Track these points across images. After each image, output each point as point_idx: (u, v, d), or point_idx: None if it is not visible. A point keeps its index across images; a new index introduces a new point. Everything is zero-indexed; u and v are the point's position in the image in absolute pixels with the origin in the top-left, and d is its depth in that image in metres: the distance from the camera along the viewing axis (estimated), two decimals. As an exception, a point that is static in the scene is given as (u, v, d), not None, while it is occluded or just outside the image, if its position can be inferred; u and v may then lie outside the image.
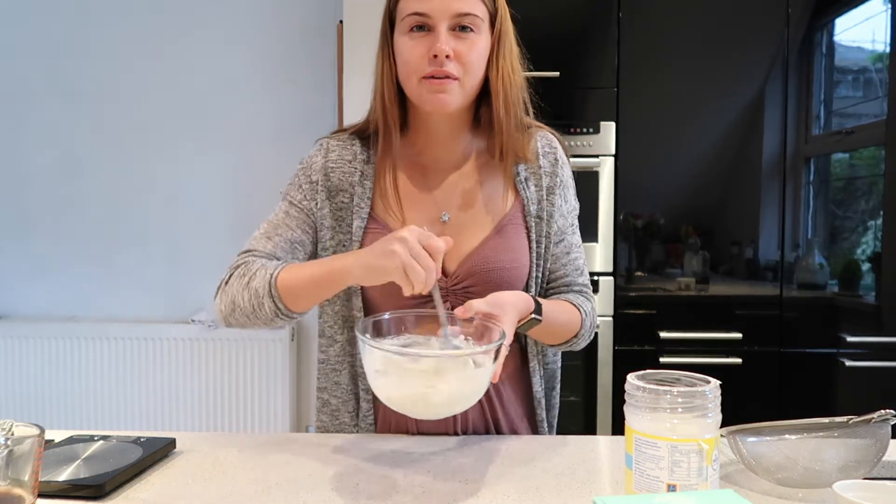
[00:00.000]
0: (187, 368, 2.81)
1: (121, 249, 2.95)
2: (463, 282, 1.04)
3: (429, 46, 0.97)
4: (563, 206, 1.12)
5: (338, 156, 1.09)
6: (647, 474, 0.72)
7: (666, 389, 0.72)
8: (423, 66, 0.98)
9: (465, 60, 0.99)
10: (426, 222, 1.03)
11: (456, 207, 1.08)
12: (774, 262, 2.31)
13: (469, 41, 0.99)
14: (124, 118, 2.93)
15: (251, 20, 2.90)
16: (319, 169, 1.09)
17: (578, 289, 1.13)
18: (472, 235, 1.06)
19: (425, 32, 0.98)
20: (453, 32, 0.98)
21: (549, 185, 1.10)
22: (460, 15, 0.97)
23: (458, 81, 0.99)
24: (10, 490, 0.66)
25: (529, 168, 1.10)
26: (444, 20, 0.97)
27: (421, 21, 0.98)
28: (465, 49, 0.98)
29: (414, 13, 0.98)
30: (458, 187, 1.08)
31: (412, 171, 1.09)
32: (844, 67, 2.34)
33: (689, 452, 0.70)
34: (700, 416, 0.71)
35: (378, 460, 0.96)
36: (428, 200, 1.08)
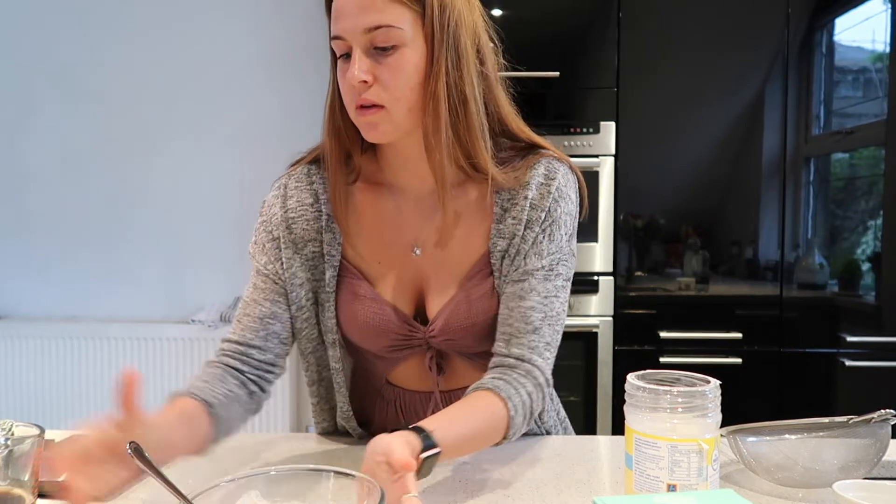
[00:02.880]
0: (187, 368, 2.81)
1: (121, 249, 2.95)
2: (442, 335, 0.95)
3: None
4: (542, 244, 0.92)
5: (297, 202, 0.97)
6: (647, 474, 0.72)
7: (666, 389, 0.72)
8: (352, 96, 0.85)
9: (389, 85, 0.83)
10: (398, 259, 0.95)
11: (432, 244, 0.95)
12: (774, 262, 2.31)
13: (390, 61, 0.83)
14: (125, 118, 2.93)
15: (252, 20, 2.90)
16: (279, 223, 0.96)
17: (518, 354, 0.89)
18: (447, 280, 0.95)
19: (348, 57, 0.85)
20: (373, 52, 0.83)
21: (529, 219, 0.92)
22: (372, 29, 0.81)
23: (385, 109, 0.84)
24: (10, 490, 0.66)
25: (512, 199, 0.93)
26: (356, 40, 0.82)
27: (343, 45, 0.84)
28: (385, 72, 0.83)
29: (334, 37, 0.85)
30: (433, 220, 0.94)
31: (382, 197, 0.97)
32: (844, 67, 2.34)
33: (689, 452, 0.70)
34: (700, 416, 0.71)
35: (378, 460, 0.96)
36: (398, 233, 0.96)
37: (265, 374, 0.96)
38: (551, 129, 2.24)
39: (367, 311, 0.95)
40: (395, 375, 1.03)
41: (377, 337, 0.96)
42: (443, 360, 0.99)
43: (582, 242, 2.25)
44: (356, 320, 0.96)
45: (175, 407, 0.84)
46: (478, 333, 0.95)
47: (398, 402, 1.03)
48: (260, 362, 0.95)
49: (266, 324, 0.96)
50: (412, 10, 0.83)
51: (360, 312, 0.95)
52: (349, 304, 0.96)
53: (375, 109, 0.84)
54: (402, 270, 0.96)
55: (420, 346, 0.97)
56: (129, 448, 0.67)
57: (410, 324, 0.96)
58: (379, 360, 1.01)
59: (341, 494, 0.63)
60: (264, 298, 0.96)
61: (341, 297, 0.96)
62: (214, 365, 0.94)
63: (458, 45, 0.86)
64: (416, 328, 0.96)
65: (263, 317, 0.96)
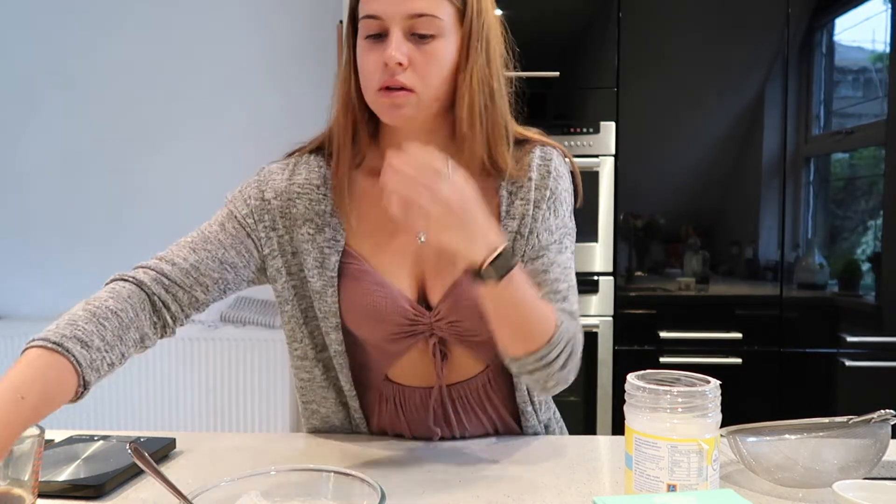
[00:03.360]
0: (187, 368, 2.81)
1: (121, 249, 2.95)
2: (448, 317, 0.96)
3: (381, 53, 0.86)
4: (550, 220, 0.97)
5: (304, 179, 0.98)
6: (647, 474, 0.72)
7: (666, 389, 0.72)
8: (379, 76, 0.87)
9: (423, 71, 0.87)
10: (401, 246, 0.96)
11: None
12: (774, 262, 2.31)
13: (427, 49, 0.87)
14: (125, 118, 2.93)
15: (251, 20, 2.90)
16: (281, 191, 0.97)
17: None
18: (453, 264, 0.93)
19: (381, 37, 0.87)
20: (411, 38, 0.86)
21: (536, 199, 0.96)
22: (416, 16, 0.85)
23: (415, 94, 0.87)
24: (10, 490, 0.66)
25: (516, 183, 0.97)
26: (397, 23, 0.85)
27: (377, 25, 0.86)
28: (421, 58, 0.86)
29: (367, 16, 0.87)
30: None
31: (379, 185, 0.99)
32: (844, 67, 2.34)
33: (689, 452, 0.70)
34: (700, 416, 0.71)
35: (376, 461, 0.96)
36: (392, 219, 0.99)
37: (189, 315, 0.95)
38: (551, 129, 2.24)
39: (373, 295, 0.95)
40: (395, 371, 1.02)
41: (381, 323, 0.95)
42: (445, 348, 0.99)
43: (582, 242, 2.25)
44: (361, 305, 0.95)
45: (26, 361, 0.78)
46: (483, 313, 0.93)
47: (398, 399, 1.02)
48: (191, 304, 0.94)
49: (224, 269, 0.94)
50: (454, 7, 0.88)
51: (366, 297, 0.95)
52: (353, 289, 0.96)
53: (405, 92, 0.87)
54: (404, 258, 0.97)
55: (423, 332, 0.97)
56: (129, 448, 0.67)
57: (416, 308, 0.96)
58: (379, 354, 1.01)
59: (341, 494, 0.63)
60: (231, 245, 0.95)
61: (344, 283, 0.96)
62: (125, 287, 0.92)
63: (489, 46, 0.91)
64: (421, 312, 0.96)
65: (224, 261, 0.94)
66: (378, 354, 1.01)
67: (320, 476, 0.65)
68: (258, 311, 2.83)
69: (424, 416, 1.01)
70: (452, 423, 1.03)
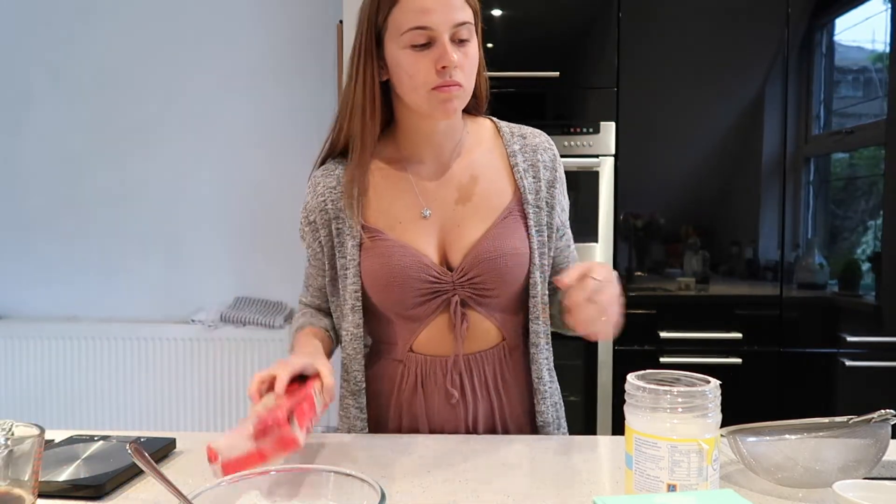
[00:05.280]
0: (187, 368, 2.81)
1: (121, 249, 2.95)
2: (468, 273, 1.06)
3: (434, 58, 0.99)
4: (562, 201, 1.16)
5: (324, 187, 1.12)
6: (647, 474, 0.72)
7: (666, 389, 0.72)
8: (432, 78, 1.00)
9: (467, 67, 1.02)
10: (414, 221, 1.09)
11: (453, 201, 1.10)
12: (774, 261, 2.31)
13: (466, 50, 1.02)
14: (124, 118, 2.93)
15: (251, 20, 2.90)
16: (314, 208, 1.13)
17: None
18: (472, 228, 1.08)
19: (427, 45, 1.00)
20: (453, 42, 1.00)
21: (549, 179, 1.13)
22: (459, 25, 1.00)
23: (464, 89, 1.02)
24: (10, 490, 0.66)
25: (528, 160, 1.13)
26: (446, 31, 0.99)
27: (424, 35, 0.99)
28: (464, 59, 1.01)
29: (416, 27, 0.99)
30: (453, 182, 1.11)
31: (398, 172, 1.12)
32: (844, 67, 2.34)
33: (689, 452, 0.70)
34: (700, 416, 0.71)
35: (378, 460, 0.96)
36: (415, 199, 1.10)
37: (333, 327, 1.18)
38: (551, 129, 2.23)
39: (396, 256, 1.06)
40: (418, 342, 1.10)
41: (405, 284, 1.05)
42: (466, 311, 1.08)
43: (582, 242, 2.25)
44: (385, 268, 1.06)
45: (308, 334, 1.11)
46: (502, 270, 1.07)
47: (419, 370, 1.10)
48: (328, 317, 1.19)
49: (323, 293, 1.18)
50: (473, 12, 1.04)
51: (390, 259, 1.06)
52: (375, 255, 1.07)
53: (457, 88, 1.01)
54: (423, 230, 1.09)
55: (447, 292, 1.07)
56: (129, 448, 0.67)
57: (438, 268, 1.07)
58: (403, 325, 1.09)
59: (341, 494, 0.63)
60: (317, 273, 1.17)
61: (367, 256, 1.08)
62: (305, 313, 1.19)
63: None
64: (443, 272, 1.07)
65: (320, 287, 1.18)
66: (402, 326, 1.10)
67: (320, 476, 0.65)
68: (258, 311, 2.84)
69: (443, 384, 1.09)
70: (467, 392, 1.10)
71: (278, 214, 2.90)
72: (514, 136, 1.15)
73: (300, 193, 3.23)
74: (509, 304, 1.11)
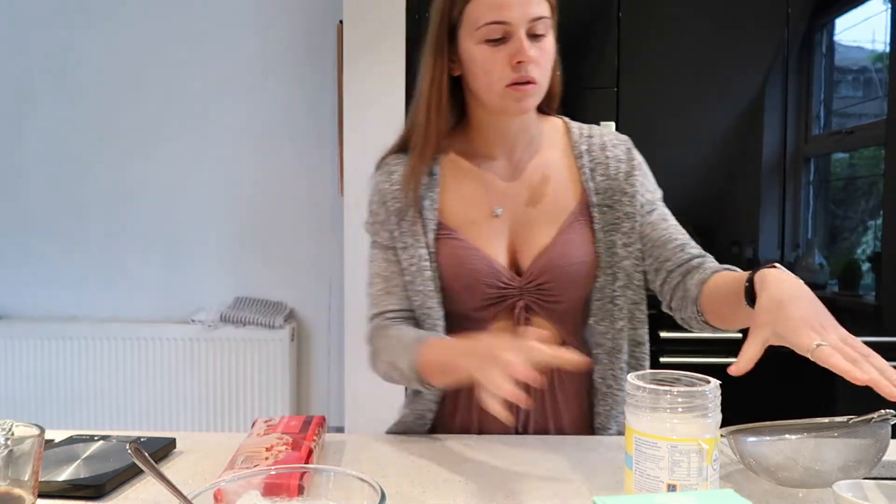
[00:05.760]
0: (187, 368, 2.81)
1: (121, 249, 2.95)
2: (538, 279, 1.05)
3: (510, 54, 0.98)
4: (647, 183, 1.13)
5: (399, 175, 1.11)
6: (647, 474, 0.72)
7: (666, 389, 0.72)
8: (507, 74, 0.99)
9: (543, 63, 1.01)
10: (486, 220, 1.07)
11: (523, 203, 1.09)
12: (774, 261, 2.31)
13: (542, 45, 1.01)
14: (124, 118, 2.93)
15: (251, 20, 2.90)
16: (390, 194, 1.11)
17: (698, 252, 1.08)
18: (542, 230, 1.07)
19: (503, 40, 0.99)
20: (528, 37, 0.99)
21: (626, 170, 1.11)
22: (536, 19, 0.99)
23: (539, 85, 1.01)
24: (10, 490, 0.66)
25: (596, 158, 1.11)
26: (522, 26, 0.98)
27: (500, 30, 0.98)
28: (540, 54, 1.00)
29: (492, 22, 0.98)
30: (524, 182, 1.09)
31: (471, 167, 1.11)
32: (844, 67, 2.34)
33: (690, 452, 0.70)
34: (700, 416, 0.71)
35: (378, 460, 0.96)
36: (487, 197, 1.09)
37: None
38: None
39: (470, 259, 1.05)
40: None
41: (476, 287, 1.05)
42: (529, 316, 1.07)
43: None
44: (459, 270, 1.05)
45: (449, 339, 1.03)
46: (571, 277, 1.06)
47: None
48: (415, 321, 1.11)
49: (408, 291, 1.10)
50: (550, 7, 1.03)
51: (464, 261, 1.05)
52: (452, 257, 1.06)
53: (532, 85, 1.00)
54: (494, 230, 1.08)
55: (513, 297, 1.06)
56: (129, 448, 0.67)
57: (508, 273, 1.05)
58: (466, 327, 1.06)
59: (341, 494, 0.63)
60: (400, 270, 1.10)
61: (442, 253, 1.07)
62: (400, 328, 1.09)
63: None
64: (513, 277, 1.06)
65: (405, 285, 1.10)
66: (463, 327, 1.07)
67: (320, 476, 0.65)
68: (258, 311, 2.83)
69: None
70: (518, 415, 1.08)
71: (278, 214, 2.90)
72: (583, 136, 1.13)
73: (300, 193, 3.21)
74: (570, 309, 1.09)
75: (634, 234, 1.09)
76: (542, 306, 1.07)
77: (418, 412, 1.12)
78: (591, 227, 1.08)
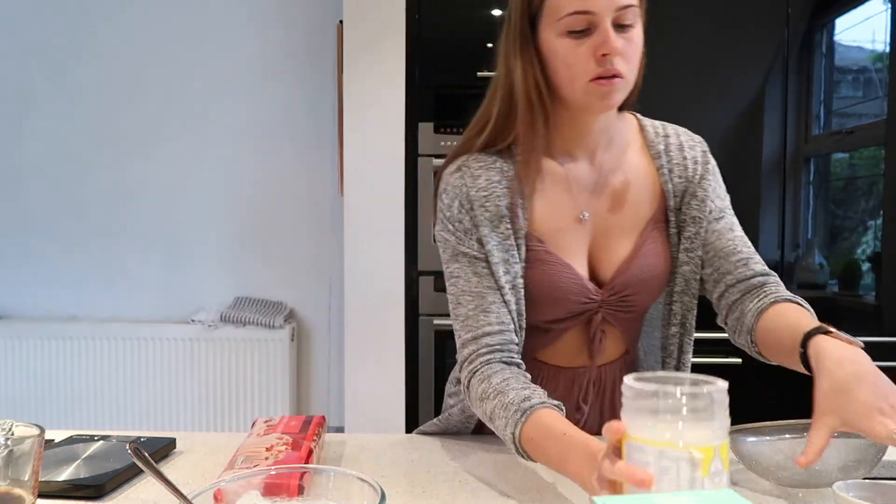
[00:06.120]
0: (187, 368, 2.81)
1: (121, 249, 2.95)
2: (620, 292, 1.01)
3: (594, 46, 0.90)
4: (718, 189, 1.07)
5: (486, 180, 0.99)
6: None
7: (658, 389, 0.69)
8: (591, 68, 0.91)
9: (630, 56, 0.93)
10: (570, 225, 1.00)
11: (605, 209, 1.02)
12: (774, 261, 2.31)
13: (629, 36, 0.93)
14: (124, 118, 2.93)
15: (251, 20, 2.90)
16: (476, 201, 0.98)
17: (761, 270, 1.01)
18: (621, 239, 1.02)
19: (587, 31, 0.91)
20: (614, 28, 0.91)
21: (701, 172, 1.04)
22: (623, 8, 0.90)
23: (624, 80, 0.93)
24: (10, 490, 0.66)
25: (674, 159, 1.04)
26: (608, 16, 0.90)
27: (584, 20, 0.90)
28: (627, 46, 0.92)
29: (576, 12, 0.90)
30: (607, 187, 1.02)
31: (554, 169, 1.02)
32: (844, 67, 2.34)
33: (679, 461, 0.64)
34: (697, 421, 0.67)
35: (378, 460, 0.96)
36: (571, 201, 1.01)
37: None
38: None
39: (560, 276, 0.98)
40: (546, 351, 1.05)
41: (562, 303, 0.99)
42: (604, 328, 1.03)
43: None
44: (548, 287, 0.98)
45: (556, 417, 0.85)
46: (650, 288, 1.02)
47: (543, 380, 1.04)
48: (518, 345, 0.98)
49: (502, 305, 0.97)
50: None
51: (553, 278, 0.98)
52: (544, 273, 0.98)
53: (618, 79, 0.92)
54: (576, 238, 1.01)
55: (591, 310, 1.01)
56: (129, 448, 0.67)
57: (593, 288, 1.00)
58: (537, 335, 1.02)
59: (341, 494, 0.63)
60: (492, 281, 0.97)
61: (534, 269, 0.99)
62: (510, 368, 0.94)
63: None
64: (595, 290, 1.00)
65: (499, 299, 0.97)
66: (535, 336, 1.02)
67: (320, 476, 0.65)
68: (258, 311, 2.83)
69: (567, 397, 1.03)
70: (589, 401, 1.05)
71: (278, 214, 2.90)
72: (659, 135, 1.07)
73: (300, 193, 3.21)
74: (639, 316, 1.07)
75: (698, 239, 1.03)
76: (618, 317, 1.03)
77: (469, 411, 1.06)
78: (667, 233, 1.04)
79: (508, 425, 0.84)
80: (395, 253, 2.30)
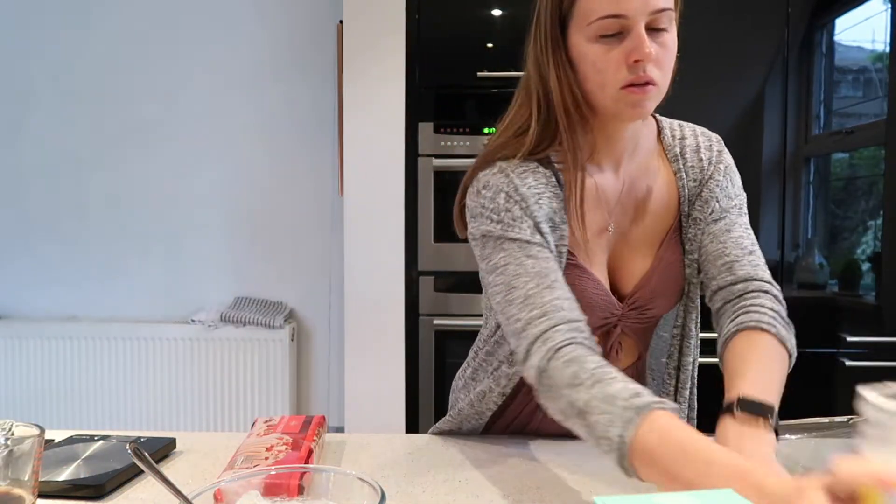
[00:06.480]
0: (187, 368, 2.81)
1: (121, 249, 2.95)
2: (641, 307, 0.99)
3: (626, 51, 0.86)
4: (728, 188, 1.03)
5: (535, 181, 0.93)
6: None
7: None
8: (623, 74, 0.87)
9: (663, 62, 0.88)
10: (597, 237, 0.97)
11: (629, 221, 0.99)
12: (774, 262, 2.31)
13: (663, 41, 0.88)
14: (124, 119, 2.93)
15: (251, 20, 2.90)
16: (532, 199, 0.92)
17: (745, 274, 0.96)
18: (641, 251, 1.00)
19: (619, 35, 0.87)
20: (648, 32, 0.86)
21: (711, 172, 1.02)
22: (658, 11, 0.85)
23: (657, 87, 0.89)
24: (10, 490, 0.66)
25: (689, 162, 1.02)
26: (642, 20, 0.85)
27: (617, 24, 0.86)
28: (660, 52, 0.87)
29: (608, 16, 0.85)
30: (630, 198, 0.99)
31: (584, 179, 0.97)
32: (844, 67, 2.34)
33: None
34: None
35: (377, 460, 0.96)
36: (599, 212, 0.98)
37: None
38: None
39: (591, 292, 0.95)
40: None
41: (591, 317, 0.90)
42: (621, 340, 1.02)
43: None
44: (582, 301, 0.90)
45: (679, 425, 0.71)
46: (668, 300, 1.01)
47: None
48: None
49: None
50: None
51: (585, 293, 0.94)
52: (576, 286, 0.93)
53: (651, 87, 0.88)
54: (599, 249, 0.98)
55: (614, 323, 0.99)
56: (129, 448, 0.67)
57: (617, 304, 0.98)
58: None
59: (341, 494, 0.63)
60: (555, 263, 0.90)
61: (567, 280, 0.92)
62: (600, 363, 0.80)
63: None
64: (618, 306, 0.98)
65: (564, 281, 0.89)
66: None
67: (320, 476, 0.65)
68: (258, 311, 2.83)
69: None
70: None
71: (278, 214, 2.90)
72: (676, 138, 1.04)
73: (300, 193, 3.22)
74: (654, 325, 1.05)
75: (696, 241, 1.00)
76: (635, 328, 1.02)
77: (480, 410, 1.05)
78: (682, 238, 1.01)
79: (614, 424, 0.70)
80: (395, 253, 2.30)
